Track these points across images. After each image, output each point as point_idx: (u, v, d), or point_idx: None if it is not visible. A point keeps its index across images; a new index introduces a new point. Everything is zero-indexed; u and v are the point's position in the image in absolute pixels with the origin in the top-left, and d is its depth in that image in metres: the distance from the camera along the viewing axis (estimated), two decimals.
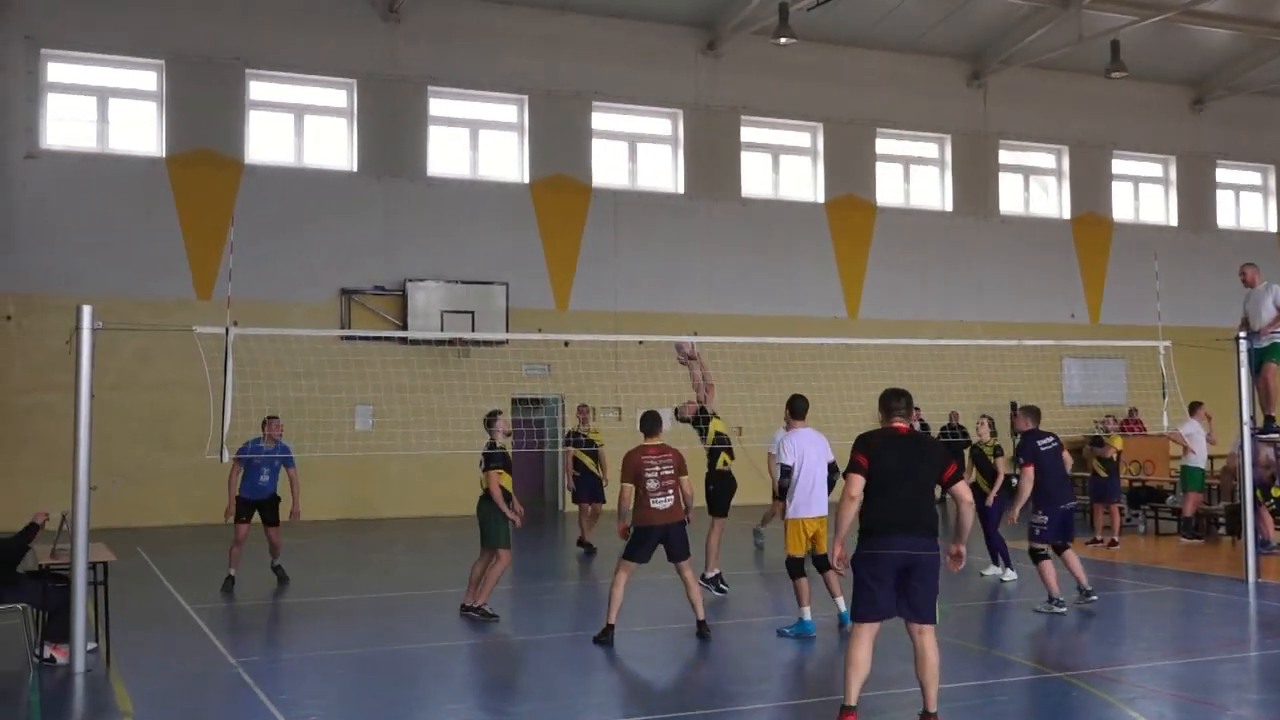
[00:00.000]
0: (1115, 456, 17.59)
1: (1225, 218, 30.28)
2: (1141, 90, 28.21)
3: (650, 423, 10.51)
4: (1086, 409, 24.47)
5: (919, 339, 21.00)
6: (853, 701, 7.27)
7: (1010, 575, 13.91)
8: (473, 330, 21.19)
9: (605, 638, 10.13)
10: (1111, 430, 18.09)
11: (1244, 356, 14.30)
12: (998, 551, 14.07)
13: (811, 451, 10.58)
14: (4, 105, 20.01)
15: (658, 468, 10.24)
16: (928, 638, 7.35)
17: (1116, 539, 17.18)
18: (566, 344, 20.26)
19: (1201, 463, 18.04)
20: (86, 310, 9.57)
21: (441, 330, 21.09)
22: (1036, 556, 11.87)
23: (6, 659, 9.74)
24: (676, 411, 13.27)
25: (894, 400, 7.65)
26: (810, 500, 10.51)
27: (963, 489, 7.47)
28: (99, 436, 9.68)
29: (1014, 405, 15.36)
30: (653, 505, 10.22)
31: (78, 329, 9.46)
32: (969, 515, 7.44)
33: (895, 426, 7.60)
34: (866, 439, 7.52)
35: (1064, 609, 11.67)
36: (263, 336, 13.78)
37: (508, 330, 21.67)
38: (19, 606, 9.35)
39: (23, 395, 19.85)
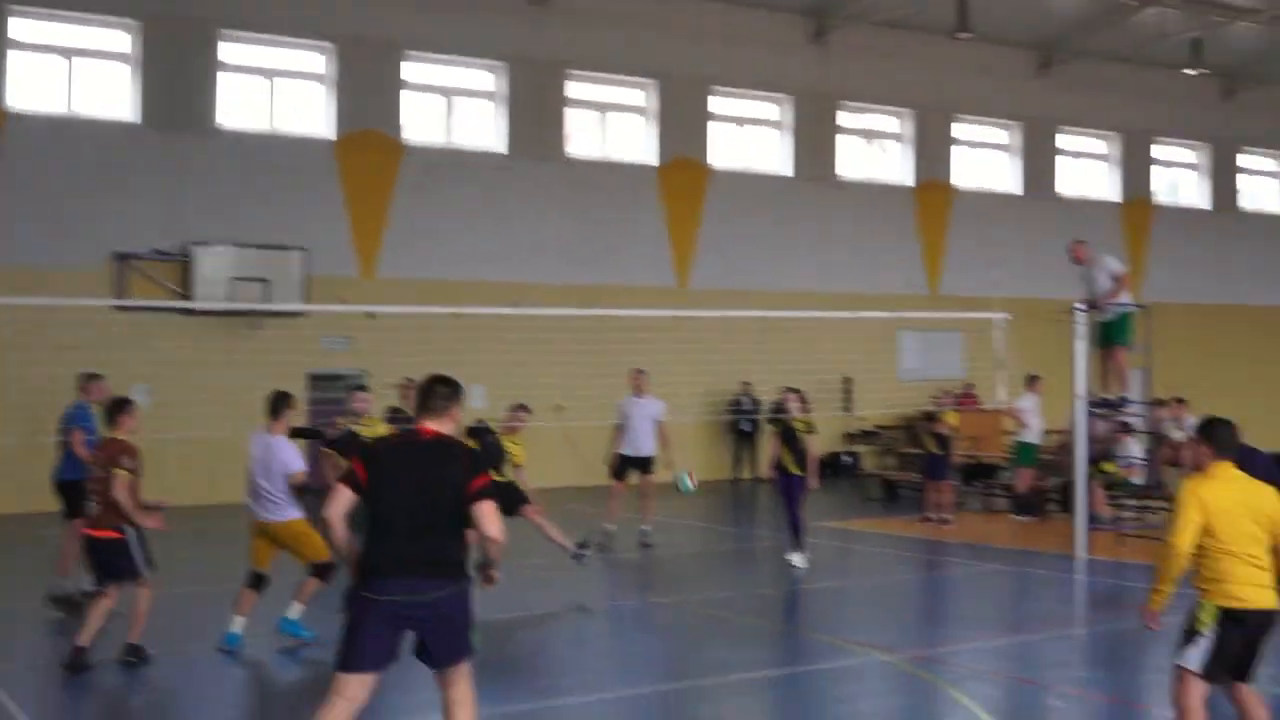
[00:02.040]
0: (949, 432, 18.17)
1: (1068, 186, 31.50)
2: (987, 53, 29.02)
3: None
4: (922, 383, 25.22)
5: (751, 310, 21.29)
6: None
7: (801, 561, 13.84)
8: (265, 300, 20.58)
9: None
10: (946, 405, 18.66)
11: (1082, 329, 14.93)
12: (798, 535, 13.97)
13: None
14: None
15: None
16: (460, 688, 6.08)
17: (948, 517, 17.79)
18: (371, 316, 19.90)
19: (1036, 438, 18.81)
20: None
21: (230, 299, 20.41)
22: None
23: None
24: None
25: (430, 393, 6.23)
26: None
27: (489, 512, 6.10)
28: None
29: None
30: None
31: None
32: (495, 551, 6.19)
33: (419, 428, 6.24)
34: (373, 443, 6.46)
35: None
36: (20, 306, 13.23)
37: (306, 300, 21.15)
38: None
39: None
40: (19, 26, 21.07)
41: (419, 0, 23.54)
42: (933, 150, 29.33)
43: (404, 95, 23.79)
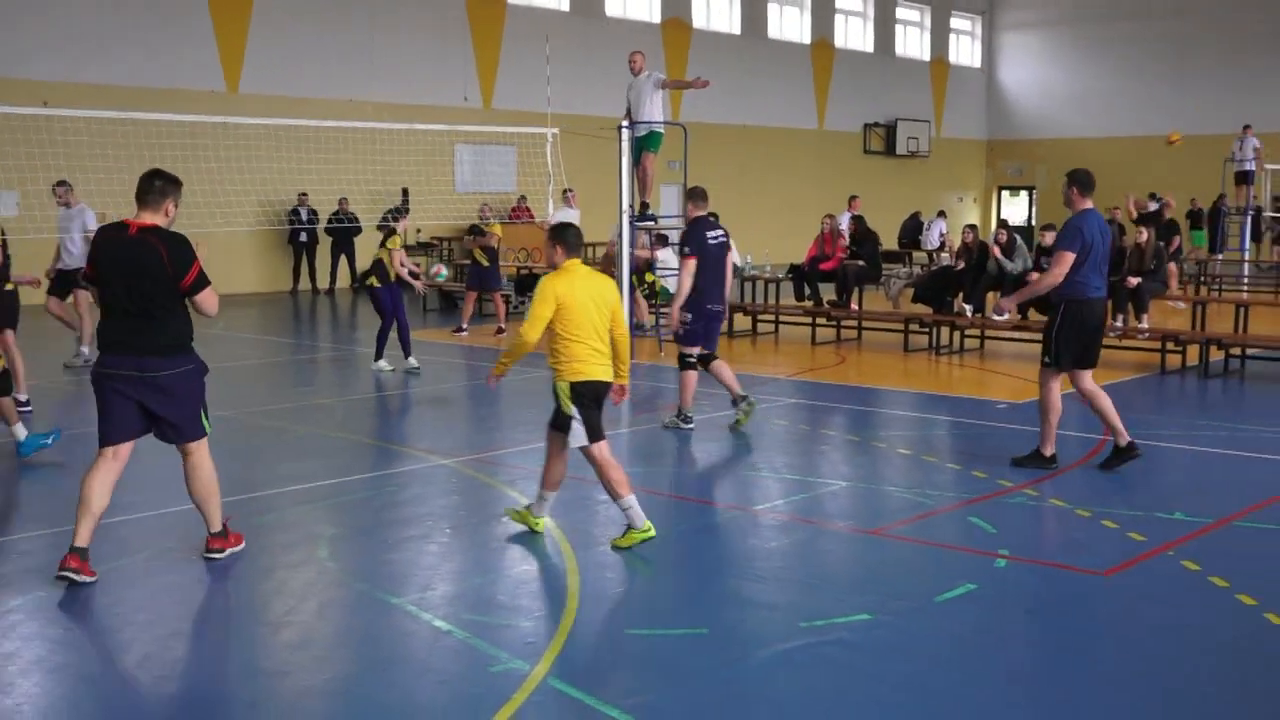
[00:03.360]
0: (497, 244, 18.75)
1: (614, 7, 32.30)
2: None
3: None
4: (478, 196, 25.63)
5: (305, 119, 20.78)
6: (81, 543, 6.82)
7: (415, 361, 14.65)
8: None
9: None
10: (491, 218, 19.18)
11: (625, 145, 15.66)
12: (404, 344, 14.61)
13: None
14: None
15: None
16: (196, 456, 7.05)
17: (503, 326, 18.46)
18: None
19: None
20: None
21: None
22: (684, 364, 11.10)
23: None
24: None
25: (147, 186, 6.77)
26: None
27: (208, 300, 6.87)
28: None
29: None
30: None
31: None
32: (209, 311, 6.98)
33: (127, 221, 6.74)
34: (95, 238, 6.92)
35: (692, 425, 11.16)
36: None
37: None
38: None
39: None
40: None
41: None
42: None
43: None
